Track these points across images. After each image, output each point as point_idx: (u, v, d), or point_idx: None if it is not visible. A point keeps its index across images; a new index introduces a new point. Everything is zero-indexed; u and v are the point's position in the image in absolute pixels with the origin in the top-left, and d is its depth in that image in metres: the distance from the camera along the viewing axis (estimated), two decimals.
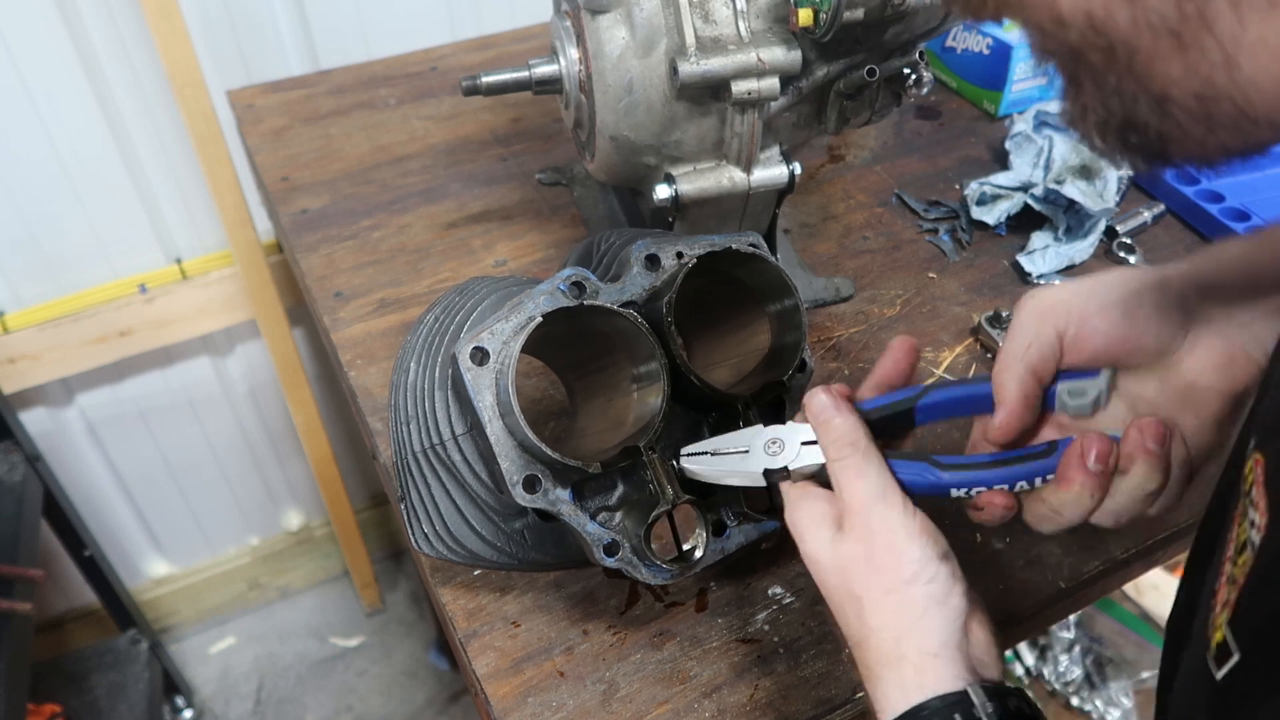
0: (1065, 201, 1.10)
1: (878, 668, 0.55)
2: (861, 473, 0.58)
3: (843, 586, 0.57)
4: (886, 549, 0.56)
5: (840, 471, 0.59)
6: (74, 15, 1.30)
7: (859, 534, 0.57)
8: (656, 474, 0.67)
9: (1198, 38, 0.35)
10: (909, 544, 0.56)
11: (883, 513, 0.57)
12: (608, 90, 0.82)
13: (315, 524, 2.08)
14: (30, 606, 1.29)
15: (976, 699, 0.52)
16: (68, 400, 1.64)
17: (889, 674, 0.54)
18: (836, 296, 1.03)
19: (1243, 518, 0.43)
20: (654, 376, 0.69)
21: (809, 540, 0.59)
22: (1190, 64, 0.36)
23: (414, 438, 0.72)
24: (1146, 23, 0.36)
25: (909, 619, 0.54)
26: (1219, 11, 0.34)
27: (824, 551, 0.58)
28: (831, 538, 0.58)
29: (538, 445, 0.63)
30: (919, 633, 0.54)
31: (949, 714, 0.51)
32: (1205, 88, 0.37)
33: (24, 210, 1.42)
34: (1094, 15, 0.37)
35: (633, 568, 0.67)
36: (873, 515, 0.57)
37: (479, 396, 0.65)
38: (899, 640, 0.54)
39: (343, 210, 1.14)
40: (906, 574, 0.55)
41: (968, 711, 0.51)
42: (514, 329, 0.66)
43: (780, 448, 0.63)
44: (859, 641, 0.56)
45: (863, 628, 0.56)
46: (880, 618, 0.55)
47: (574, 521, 0.66)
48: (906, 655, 0.54)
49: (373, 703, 1.99)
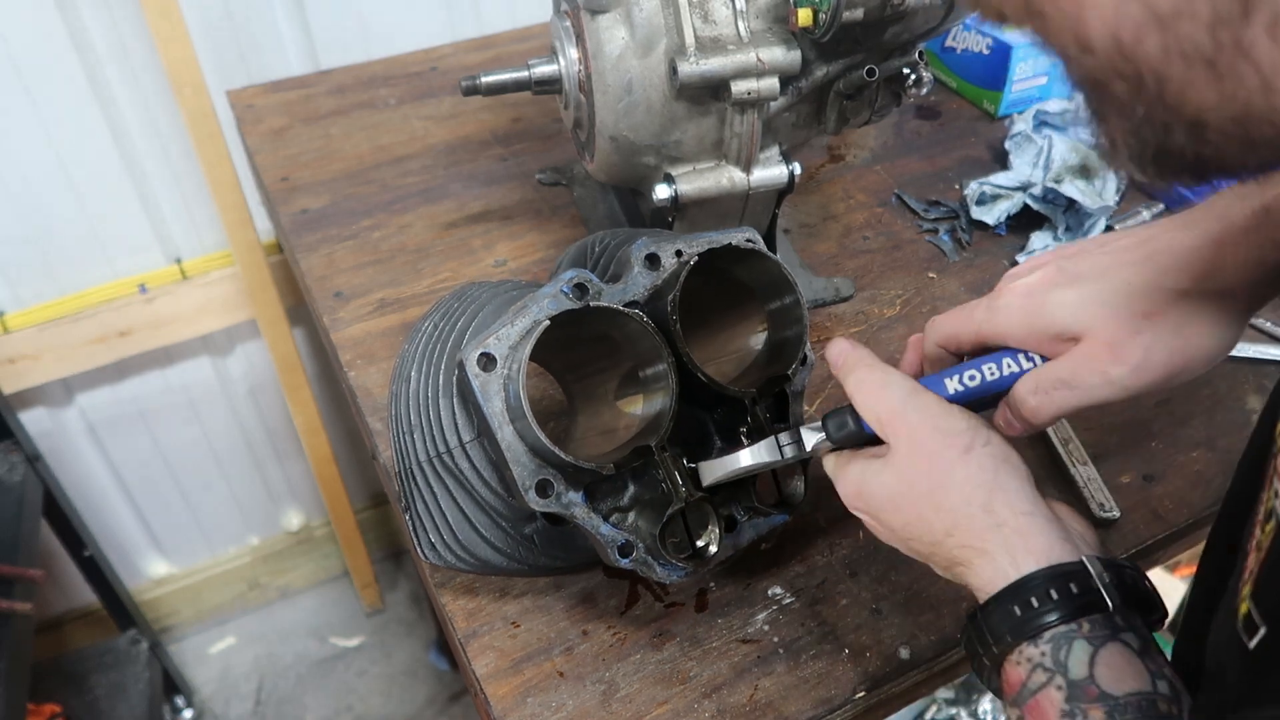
0: (1065, 201, 1.10)
1: (978, 544, 0.53)
2: (885, 382, 0.59)
3: (912, 491, 0.56)
4: (934, 431, 0.56)
5: (866, 391, 0.59)
6: (74, 15, 1.30)
7: (904, 434, 0.57)
8: (669, 472, 0.67)
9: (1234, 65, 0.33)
10: (952, 419, 0.56)
11: (917, 405, 0.57)
12: (607, 90, 0.82)
13: (315, 524, 2.08)
14: (30, 606, 1.29)
15: (1094, 568, 0.51)
16: (68, 400, 1.64)
17: (990, 545, 0.53)
18: (836, 296, 1.03)
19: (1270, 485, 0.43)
20: (660, 376, 0.69)
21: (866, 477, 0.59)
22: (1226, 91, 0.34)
23: (418, 447, 0.72)
24: (1179, 51, 0.34)
25: (985, 482, 0.54)
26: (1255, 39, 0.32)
27: (883, 476, 0.58)
28: (884, 463, 0.58)
29: (550, 449, 0.63)
30: (1002, 491, 0.54)
31: (1064, 583, 0.50)
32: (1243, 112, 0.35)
33: (24, 210, 1.42)
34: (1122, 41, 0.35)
35: (647, 568, 0.67)
36: (909, 411, 0.57)
37: (488, 402, 0.65)
38: (987, 507, 0.53)
39: (343, 210, 1.14)
40: (963, 443, 0.55)
41: (1085, 580, 0.50)
42: (520, 333, 0.66)
43: (796, 437, 0.66)
44: (948, 530, 0.55)
45: (947, 517, 0.55)
46: (959, 494, 0.54)
47: (587, 524, 0.66)
48: (1003, 520, 0.53)
49: (373, 703, 1.99)
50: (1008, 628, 0.51)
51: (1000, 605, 0.51)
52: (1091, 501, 0.83)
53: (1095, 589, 0.50)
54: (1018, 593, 0.51)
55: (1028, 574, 0.51)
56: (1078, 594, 0.50)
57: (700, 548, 0.69)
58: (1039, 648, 0.50)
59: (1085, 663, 0.48)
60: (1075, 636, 0.49)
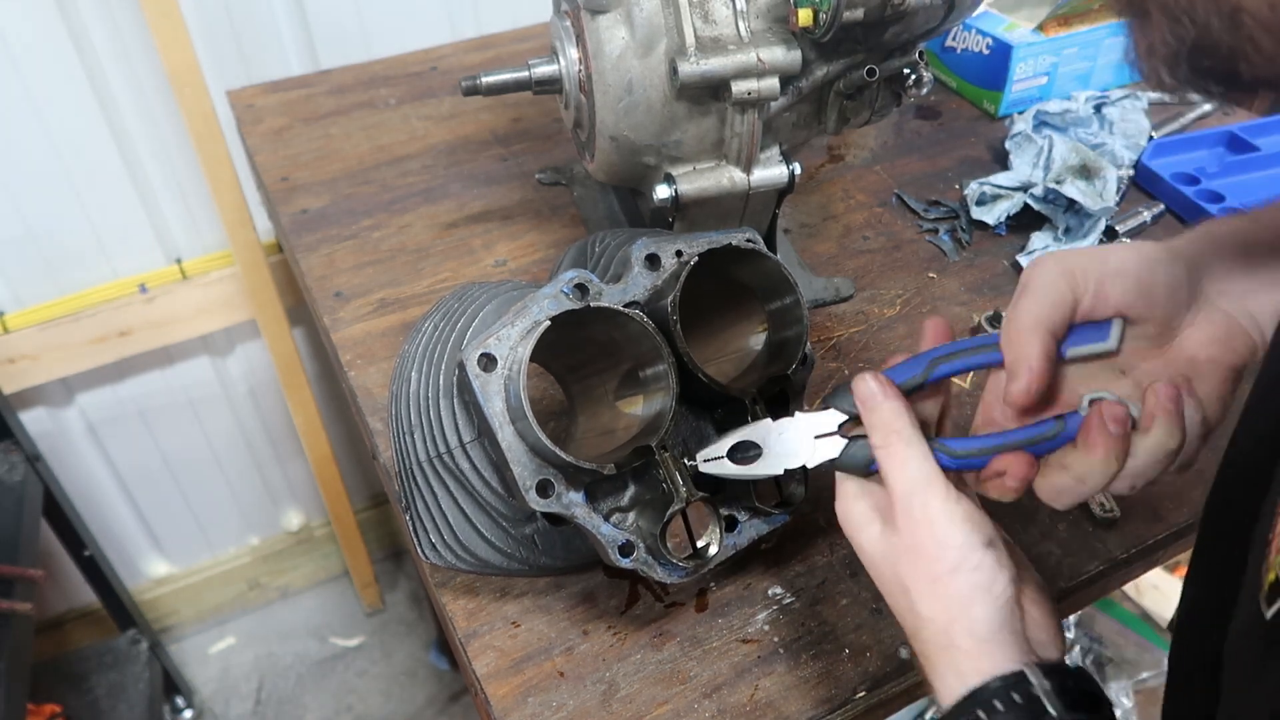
0: (1065, 201, 1.10)
1: (933, 655, 0.55)
2: (905, 461, 0.58)
3: (893, 578, 0.58)
4: (929, 538, 0.56)
5: (885, 459, 0.59)
6: (74, 15, 1.30)
7: (904, 524, 0.57)
8: (669, 472, 0.67)
9: None
10: (950, 532, 0.56)
11: (924, 501, 0.57)
12: (608, 90, 0.82)
13: (315, 524, 2.08)
14: (30, 606, 1.29)
15: (1034, 677, 0.52)
16: (68, 400, 1.64)
17: (943, 661, 0.55)
18: (836, 296, 1.03)
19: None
20: (660, 376, 0.69)
21: (860, 535, 0.60)
22: None
23: (419, 447, 0.72)
24: None
25: (955, 608, 0.55)
26: None
27: (874, 545, 0.59)
28: (880, 531, 0.59)
29: (551, 449, 0.63)
30: (966, 620, 0.54)
31: (1006, 694, 0.51)
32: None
33: (24, 210, 1.42)
34: None
35: (648, 568, 0.67)
36: (914, 504, 0.57)
37: (488, 403, 0.65)
38: (947, 629, 0.55)
39: (343, 210, 1.14)
40: (950, 563, 0.55)
41: (1026, 690, 0.51)
42: (520, 333, 0.66)
43: (795, 443, 0.64)
44: (912, 631, 0.57)
45: (914, 618, 0.56)
46: (929, 608, 0.55)
47: (588, 524, 0.66)
48: (957, 642, 0.54)
49: (373, 703, 1.99)
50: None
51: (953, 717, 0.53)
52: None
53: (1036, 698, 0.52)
54: (966, 706, 0.53)
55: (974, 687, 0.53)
56: (1021, 704, 0.51)
57: (701, 548, 0.70)
58: None
59: None
60: None
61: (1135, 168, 1.19)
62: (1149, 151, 1.21)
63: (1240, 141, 1.23)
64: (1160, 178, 1.17)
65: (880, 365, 0.65)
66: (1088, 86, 1.31)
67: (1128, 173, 1.18)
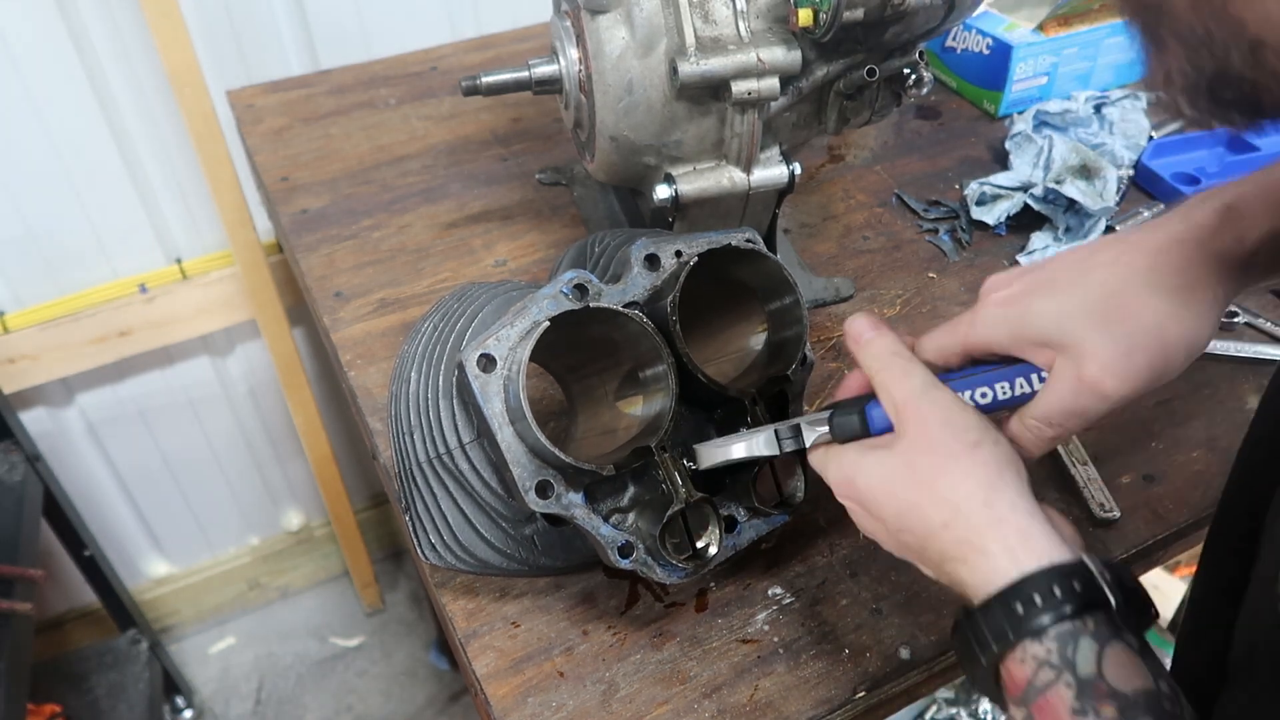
0: (1065, 201, 1.10)
1: (975, 540, 0.52)
2: (907, 372, 0.59)
3: (913, 481, 0.55)
4: (944, 423, 0.56)
5: (886, 376, 0.59)
6: (74, 15, 1.30)
7: (915, 422, 0.56)
8: (669, 473, 0.67)
9: None
10: (966, 415, 0.56)
11: (934, 397, 0.57)
12: (608, 90, 0.82)
13: (315, 524, 2.08)
14: (30, 606, 1.29)
15: (1095, 566, 0.51)
16: (68, 400, 1.64)
17: (991, 541, 0.52)
18: (836, 296, 1.03)
19: None
20: (660, 377, 0.69)
21: (861, 465, 0.58)
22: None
23: (418, 448, 0.72)
24: None
25: (989, 478, 0.53)
26: None
27: (882, 466, 0.57)
28: (884, 452, 0.57)
29: (550, 450, 0.63)
30: (1005, 489, 0.53)
31: (1067, 581, 0.49)
32: None
33: (24, 210, 1.42)
34: None
35: (647, 568, 0.67)
36: (924, 402, 0.57)
37: (488, 403, 0.65)
38: (988, 502, 0.53)
39: (343, 210, 1.14)
40: (972, 438, 0.55)
41: (1088, 578, 0.50)
42: (520, 334, 0.66)
43: (795, 431, 0.64)
44: (945, 522, 0.54)
45: (945, 508, 0.54)
46: (962, 487, 0.53)
47: (587, 525, 0.66)
48: (1004, 516, 0.52)
49: (373, 703, 1.99)
50: (1010, 625, 0.49)
51: (1001, 603, 0.50)
52: (1092, 501, 0.83)
53: (1098, 586, 0.50)
54: (1020, 590, 0.50)
55: (1030, 571, 0.50)
56: (1081, 591, 0.49)
57: (700, 548, 0.69)
58: (1044, 645, 0.49)
59: (1093, 660, 0.48)
60: (1081, 634, 0.49)
61: (1135, 168, 1.19)
62: (1149, 151, 1.21)
63: (1240, 141, 1.23)
64: (1160, 178, 1.17)
65: None
66: (1088, 86, 1.31)
67: (1128, 173, 1.18)
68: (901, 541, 0.58)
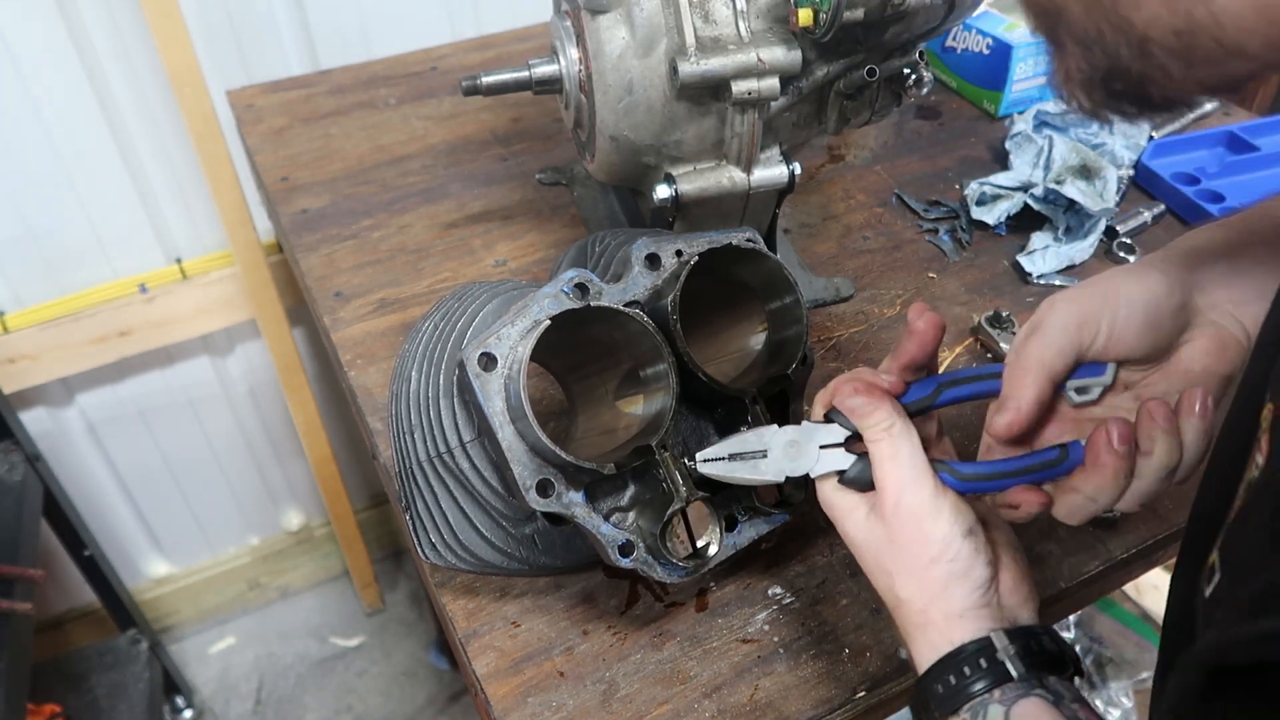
0: (1065, 201, 1.10)
1: (911, 630, 0.60)
2: (896, 454, 0.61)
3: (875, 562, 0.61)
4: (914, 531, 0.59)
5: (876, 454, 0.62)
6: (74, 15, 1.30)
7: (890, 517, 0.60)
8: (669, 472, 0.67)
9: None
10: (935, 525, 0.59)
11: (913, 494, 0.60)
12: (608, 90, 0.82)
13: (315, 524, 2.08)
14: (30, 606, 1.29)
15: (999, 643, 0.57)
16: (68, 400, 1.64)
17: (919, 635, 0.59)
18: (836, 296, 1.03)
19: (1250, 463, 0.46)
20: (660, 376, 0.69)
21: (846, 521, 0.63)
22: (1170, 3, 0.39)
23: (419, 447, 0.72)
24: None
25: (933, 592, 0.59)
26: None
27: (859, 531, 0.62)
28: (865, 517, 0.62)
29: (551, 449, 0.63)
30: (943, 602, 0.59)
31: (975, 660, 0.56)
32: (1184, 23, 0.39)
33: (24, 210, 1.42)
34: None
35: (648, 567, 0.67)
36: (903, 498, 0.60)
37: (489, 402, 0.65)
38: (925, 610, 0.59)
39: (343, 210, 1.14)
40: (931, 554, 0.59)
41: (991, 655, 0.56)
42: (520, 333, 0.66)
43: (799, 451, 0.64)
44: (893, 608, 0.61)
45: (894, 599, 0.61)
46: (908, 592, 0.59)
47: (587, 524, 0.66)
48: (932, 619, 0.59)
49: (373, 703, 1.99)
50: (935, 702, 0.58)
51: (927, 683, 0.58)
52: None
53: (1001, 661, 0.56)
54: (939, 672, 0.58)
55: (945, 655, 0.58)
56: (986, 667, 0.56)
57: (700, 547, 0.69)
58: (960, 717, 0.56)
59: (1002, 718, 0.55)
60: (989, 702, 0.55)
61: (1135, 168, 1.19)
62: (1149, 151, 1.21)
63: (1240, 141, 1.23)
64: (1160, 178, 1.17)
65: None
66: None
67: (1128, 173, 1.18)
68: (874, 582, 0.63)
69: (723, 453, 0.65)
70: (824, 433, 0.64)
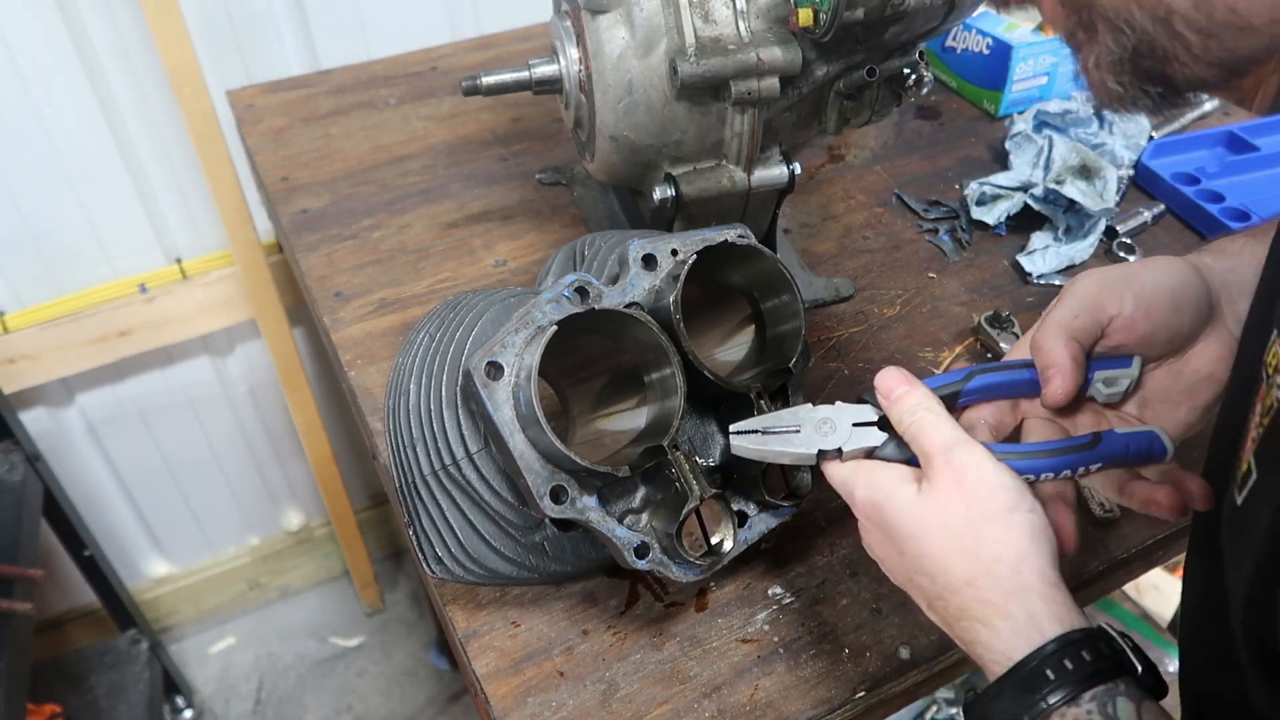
0: (1065, 201, 1.10)
1: (1000, 602, 0.52)
2: (938, 424, 0.57)
3: (942, 529, 0.55)
4: (981, 480, 0.55)
5: (917, 427, 0.58)
6: (74, 15, 1.30)
7: (949, 473, 0.55)
8: (682, 471, 0.67)
9: None
10: (1002, 474, 0.55)
11: (967, 450, 0.56)
12: (608, 90, 0.82)
13: (315, 524, 2.08)
14: (30, 606, 1.29)
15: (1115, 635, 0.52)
16: (68, 400, 1.64)
17: (1014, 606, 0.52)
18: (836, 296, 1.03)
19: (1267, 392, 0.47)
20: (665, 376, 0.69)
21: (894, 496, 0.57)
22: None
23: (421, 460, 0.72)
24: None
25: (1021, 545, 0.53)
26: None
27: (912, 504, 0.56)
28: (916, 490, 0.57)
29: (565, 454, 0.63)
30: (1036, 558, 0.53)
31: (1095, 646, 0.50)
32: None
33: (24, 210, 1.42)
34: None
35: (664, 568, 0.67)
36: (957, 453, 0.56)
37: (497, 411, 0.65)
38: (1017, 568, 0.52)
39: (343, 210, 1.14)
40: (1009, 501, 0.54)
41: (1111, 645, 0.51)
42: (525, 340, 0.66)
43: (832, 428, 0.63)
44: (969, 580, 0.53)
45: (973, 564, 0.53)
46: (991, 549, 0.53)
47: (603, 528, 0.66)
48: (1030, 583, 0.52)
49: (373, 703, 1.99)
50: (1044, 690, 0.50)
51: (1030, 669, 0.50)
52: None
53: (1123, 652, 0.51)
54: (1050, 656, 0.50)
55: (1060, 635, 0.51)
56: (1109, 655, 0.50)
57: (715, 544, 0.69)
58: (1082, 707, 0.49)
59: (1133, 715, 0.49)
60: (1116, 694, 0.50)
61: (1135, 168, 1.19)
62: (1149, 151, 1.21)
63: (1240, 141, 1.23)
64: (1160, 178, 1.17)
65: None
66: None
67: (1128, 173, 1.18)
68: (914, 582, 0.57)
69: (756, 426, 0.64)
70: (856, 411, 0.63)
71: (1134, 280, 0.62)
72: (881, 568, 0.61)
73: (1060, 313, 0.63)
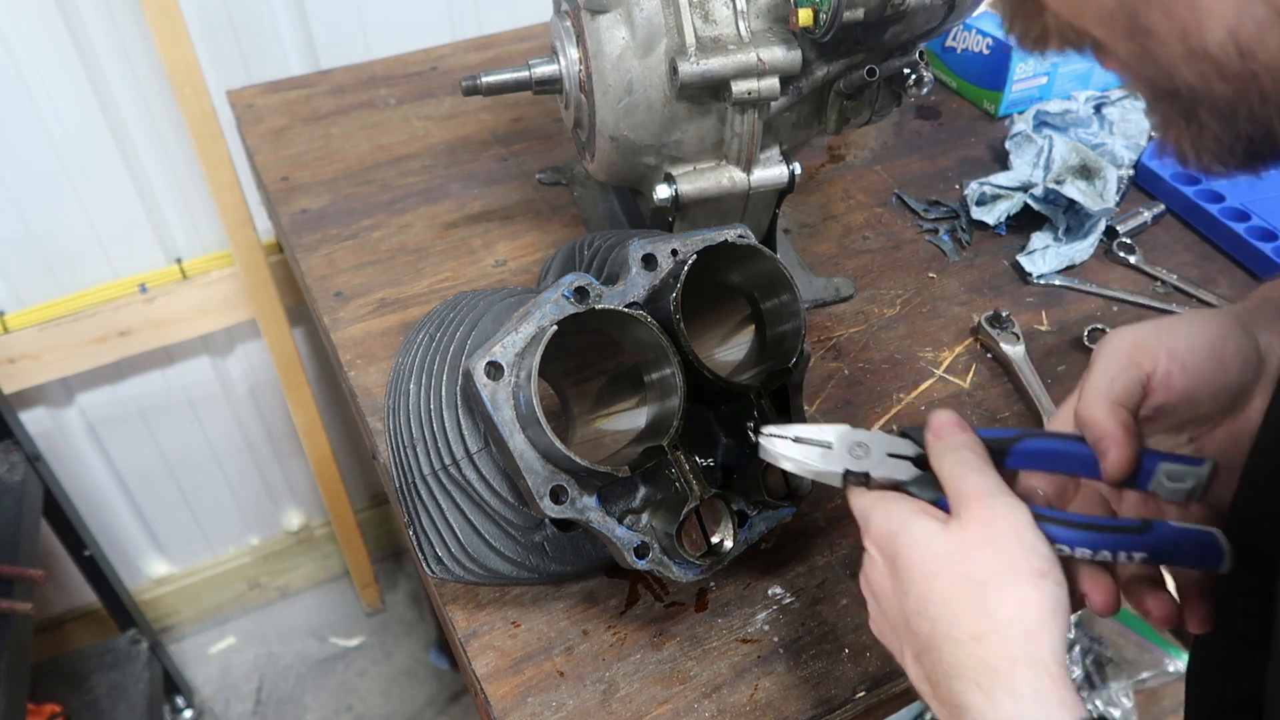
0: (1065, 201, 1.10)
1: (1003, 670, 0.47)
2: (985, 470, 0.54)
3: (960, 576, 0.50)
4: (1017, 538, 0.50)
5: (962, 468, 0.55)
6: (74, 15, 1.30)
7: (984, 520, 0.51)
8: (683, 471, 0.67)
9: None
10: (1039, 540, 0.51)
11: (1009, 504, 0.52)
12: (608, 90, 0.82)
13: (315, 524, 2.08)
14: (30, 606, 1.29)
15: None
16: (68, 400, 1.64)
17: (1020, 679, 0.47)
18: (836, 296, 1.03)
19: None
20: (665, 376, 0.69)
21: (914, 527, 0.53)
22: None
23: (421, 461, 0.72)
24: None
25: (1043, 614, 0.48)
26: None
27: (931, 538, 0.52)
28: (942, 526, 0.52)
29: (566, 454, 0.63)
30: (1054, 632, 0.48)
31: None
32: None
33: (24, 210, 1.42)
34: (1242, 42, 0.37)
35: (664, 568, 0.67)
36: (995, 503, 0.52)
37: (498, 411, 0.65)
38: (1033, 637, 0.48)
39: (343, 210, 1.14)
40: (1040, 566, 0.50)
41: None
42: (525, 340, 0.66)
43: (865, 453, 0.60)
44: (977, 635, 0.48)
45: (985, 620, 0.48)
46: (1010, 609, 0.48)
47: (603, 528, 0.66)
48: (1043, 657, 0.47)
49: (373, 703, 1.99)
50: None
51: None
52: None
53: None
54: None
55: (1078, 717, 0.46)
56: None
57: (716, 544, 0.69)
58: None
59: None
60: None
61: (1135, 168, 1.19)
62: (1149, 151, 1.21)
63: None
64: (1160, 178, 1.17)
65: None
66: (1087, 86, 1.31)
67: (1128, 173, 1.18)
68: (909, 625, 0.52)
69: (790, 433, 0.62)
70: (893, 443, 0.61)
71: (1167, 334, 0.58)
72: (870, 609, 0.58)
73: (1097, 379, 0.58)
